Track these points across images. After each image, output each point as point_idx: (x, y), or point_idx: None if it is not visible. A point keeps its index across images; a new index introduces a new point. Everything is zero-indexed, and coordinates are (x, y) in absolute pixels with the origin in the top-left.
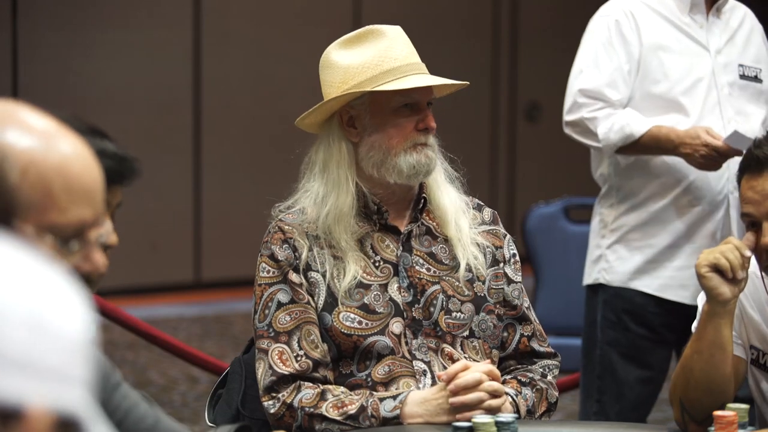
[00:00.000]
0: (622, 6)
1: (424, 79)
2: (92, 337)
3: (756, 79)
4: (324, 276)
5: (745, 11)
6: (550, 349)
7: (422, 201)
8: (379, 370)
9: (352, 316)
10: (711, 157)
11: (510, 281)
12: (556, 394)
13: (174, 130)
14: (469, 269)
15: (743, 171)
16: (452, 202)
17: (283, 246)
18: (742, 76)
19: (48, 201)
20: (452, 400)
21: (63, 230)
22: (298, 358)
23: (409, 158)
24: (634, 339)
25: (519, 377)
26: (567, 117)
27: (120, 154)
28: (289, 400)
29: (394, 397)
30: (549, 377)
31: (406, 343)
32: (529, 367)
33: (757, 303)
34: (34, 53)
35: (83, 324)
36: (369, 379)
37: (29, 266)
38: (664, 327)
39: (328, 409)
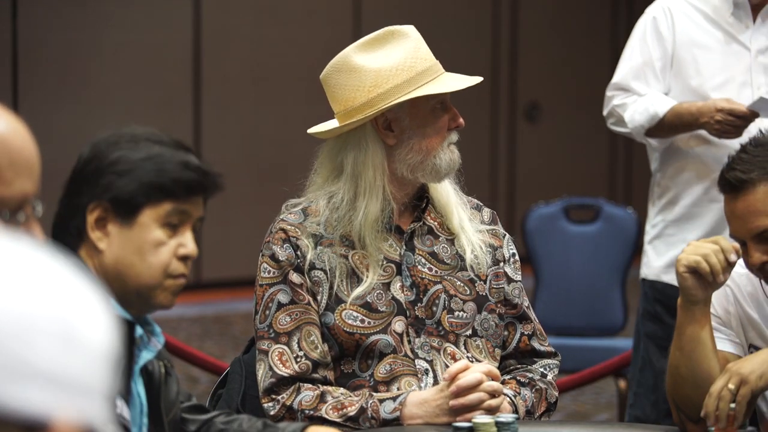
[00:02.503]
0: (663, 3)
1: (461, 79)
2: (115, 347)
3: None
4: (327, 274)
5: None
6: (550, 348)
7: (425, 201)
8: (381, 369)
9: (355, 314)
10: (728, 123)
11: (510, 280)
12: (556, 393)
13: (174, 131)
14: (471, 265)
15: (722, 192)
16: (452, 198)
17: (284, 246)
18: None
19: None
20: (452, 402)
21: (9, 203)
22: (298, 360)
23: (446, 157)
24: (669, 331)
25: (518, 377)
26: (604, 111)
27: (203, 168)
28: (288, 402)
29: (394, 399)
30: (549, 377)
31: (409, 341)
32: (529, 367)
33: (755, 302)
34: (34, 53)
35: (109, 334)
36: (371, 379)
37: (58, 273)
38: None
39: (327, 411)
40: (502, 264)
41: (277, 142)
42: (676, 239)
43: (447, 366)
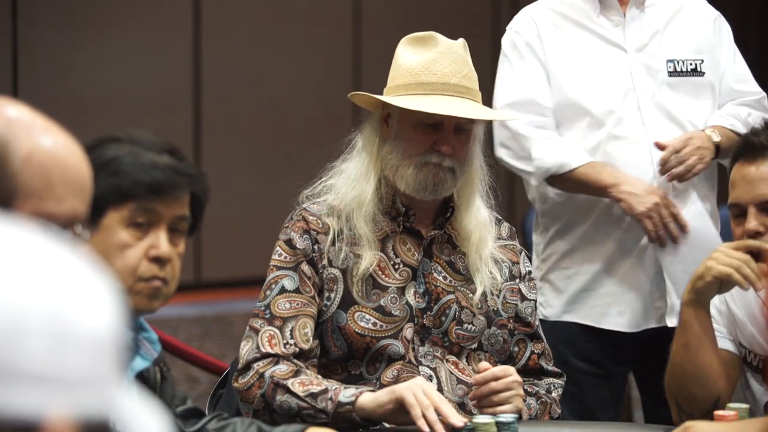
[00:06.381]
0: (524, 16)
1: (440, 105)
2: (120, 326)
3: (695, 72)
4: (343, 273)
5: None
6: (556, 369)
7: (450, 210)
8: (388, 374)
9: (368, 317)
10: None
11: (524, 298)
12: (559, 411)
13: (174, 131)
14: (484, 293)
15: (735, 159)
16: (478, 223)
17: (304, 236)
18: (674, 72)
19: (47, 190)
20: (470, 396)
21: (58, 220)
22: (287, 345)
23: (417, 174)
24: (575, 375)
25: (526, 388)
26: (502, 135)
27: (175, 167)
28: (262, 371)
29: (357, 387)
30: (554, 394)
31: (413, 349)
32: (536, 381)
33: (742, 301)
34: (34, 53)
35: (109, 315)
36: (378, 383)
37: (51, 261)
38: (608, 360)
39: (294, 384)
40: (518, 280)
41: (278, 143)
42: (573, 272)
43: (451, 373)
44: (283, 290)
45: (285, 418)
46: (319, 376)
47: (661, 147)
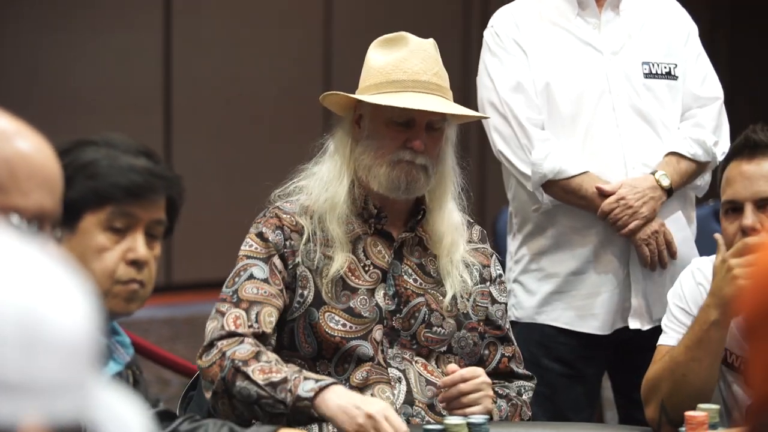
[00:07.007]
0: (505, 14)
1: (411, 99)
2: (95, 327)
3: (669, 75)
4: (313, 273)
5: (653, 2)
6: (527, 372)
7: (421, 212)
8: (357, 375)
9: (337, 317)
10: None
11: (494, 301)
12: (530, 413)
13: (144, 132)
14: (454, 296)
15: (733, 155)
16: (450, 226)
17: (276, 231)
18: (649, 75)
19: (12, 183)
20: (439, 398)
21: (25, 213)
22: (251, 327)
23: (390, 172)
24: (548, 377)
25: (497, 390)
26: (497, 132)
27: (153, 170)
28: (225, 349)
29: (317, 380)
30: (524, 396)
31: (382, 350)
32: (506, 383)
33: None
34: (3, 54)
35: (83, 318)
36: (347, 384)
37: (17, 259)
38: (579, 361)
39: (255, 371)
40: (488, 283)
41: (248, 145)
42: (545, 274)
43: (420, 375)
44: (251, 277)
45: (244, 404)
46: (280, 360)
47: (603, 192)
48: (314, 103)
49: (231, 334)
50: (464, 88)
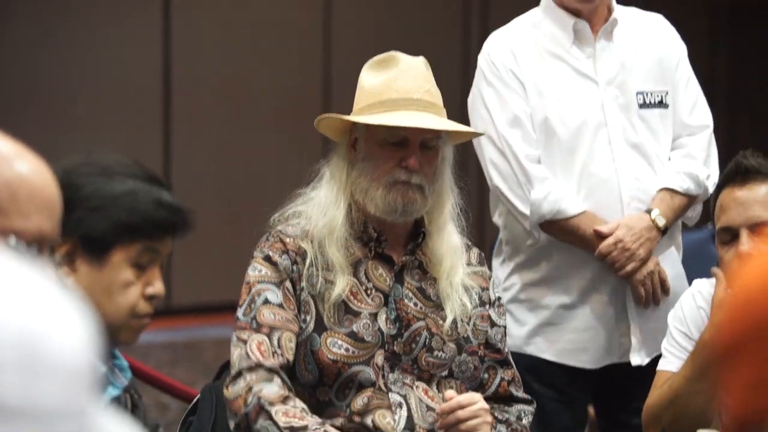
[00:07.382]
0: (501, 43)
1: (403, 117)
2: (94, 353)
3: (661, 104)
4: (315, 297)
5: (645, 25)
6: (527, 396)
7: (421, 235)
8: (359, 401)
9: (340, 342)
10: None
11: (493, 324)
12: None
13: (142, 152)
14: (454, 320)
15: (726, 182)
16: (449, 249)
17: (283, 255)
18: (644, 105)
19: (12, 205)
20: (437, 425)
21: (25, 236)
22: (275, 355)
23: (386, 195)
24: (539, 401)
25: (497, 414)
26: (493, 167)
27: (175, 206)
28: (253, 384)
29: None
30: (524, 421)
31: (383, 375)
32: (507, 408)
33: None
34: (3, 54)
35: (83, 341)
36: (347, 410)
37: (15, 283)
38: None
39: (278, 413)
40: (487, 306)
41: (249, 168)
42: (535, 305)
43: (421, 400)
44: (267, 302)
45: None
46: (306, 408)
47: (600, 234)
48: (314, 104)
49: (259, 365)
50: (464, 105)
